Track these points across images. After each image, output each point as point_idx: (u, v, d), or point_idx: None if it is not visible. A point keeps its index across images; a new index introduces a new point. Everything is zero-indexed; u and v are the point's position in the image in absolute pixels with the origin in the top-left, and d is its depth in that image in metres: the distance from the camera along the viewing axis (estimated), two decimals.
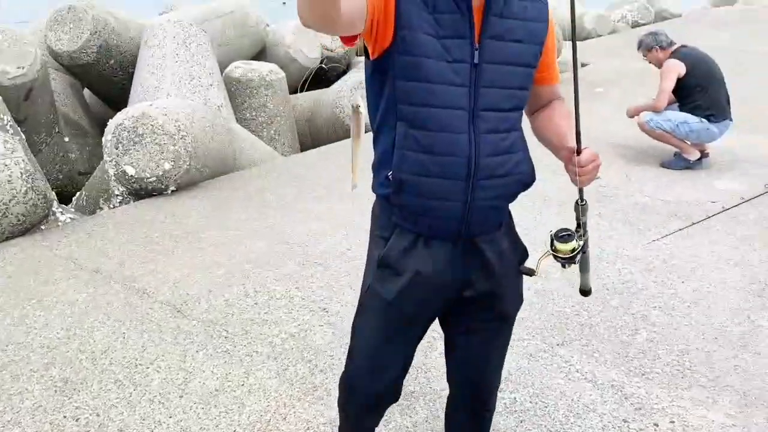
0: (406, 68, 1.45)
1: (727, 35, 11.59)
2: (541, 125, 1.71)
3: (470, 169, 1.52)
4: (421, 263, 1.59)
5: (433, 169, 1.51)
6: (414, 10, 1.44)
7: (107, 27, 5.73)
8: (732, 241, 3.85)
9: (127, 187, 4.51)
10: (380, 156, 1.60)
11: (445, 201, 1.54)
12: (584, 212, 1.63)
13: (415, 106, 1.48)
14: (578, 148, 1.55)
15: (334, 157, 5.30)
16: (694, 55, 4.95)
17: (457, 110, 1.49)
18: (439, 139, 1.50)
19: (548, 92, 1.71)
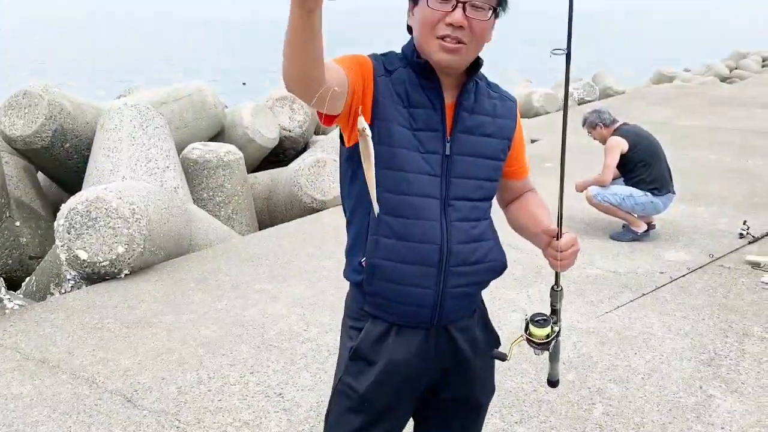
0: (382, 157, 1.50)
1: (668, 110, 12.21)
2: (516, 215, 1.78)
3: (442, 256, 1.56)
4: (394, 352, 1.60)
5: (407, 255, 1.55)
6: (390, 104, 1.52)
7: (63, 111, 5.75)
8: (682, 311, 3.96)
9: (79, 272, 4.42)
10: (353, 241, 1.63)
11: (418, 288, 1.57)
12: (560, 298, 1.66)
13: (390, 193, 1.53)
14: (559, 233, 1.60)
15: (292, 235, 5.32)
16: (635, 132, 5.20)
17: (430, 198, 1.55)
18: (413, 226, 1.54)
19: (519, 186, 1.80)
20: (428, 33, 1.50)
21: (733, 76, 23.01)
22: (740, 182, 6.98)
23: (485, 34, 1.52)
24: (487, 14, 1.49)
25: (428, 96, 1.55)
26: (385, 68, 1.55)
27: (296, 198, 6.28)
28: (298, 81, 1.32)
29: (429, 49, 1.51)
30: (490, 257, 1.65)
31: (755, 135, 9.78)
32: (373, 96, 1.51)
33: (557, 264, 1.60)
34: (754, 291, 4.24)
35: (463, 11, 1.46)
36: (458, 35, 1.47)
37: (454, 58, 1.50)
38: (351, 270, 1.64)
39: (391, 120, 1.51)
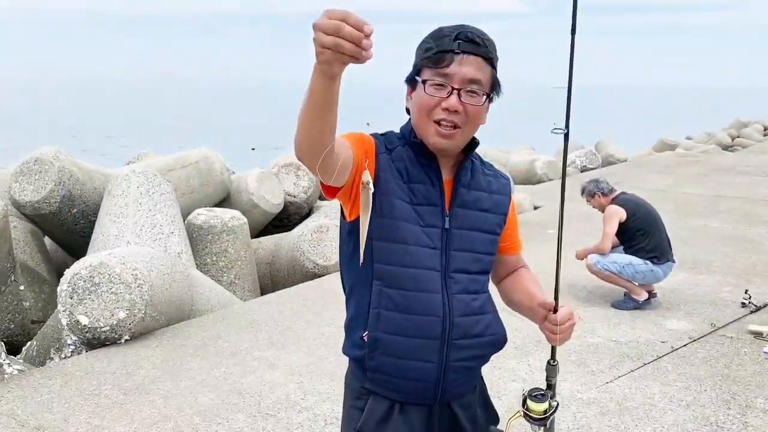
0: (384, 230, 1.56)
1: (670, 179, 12.33)
2: (510, 290, 1.82)
3: (445, 328, 1.59)
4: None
5: (409, 328, 1.57)
6: (391, 179, 1.58)
7: (72, 177, 5.89)
8: (683, 381, 3.91)
9: (79, 337, 4.43)
10: (353, 316, 1.65)
11: (420, 361, 1.58)
12: (555, 373, 1.68)
13: (392, 266, 1.57)
14: (556, 306, 1.63)
15: (293, 300, 5.33)
16: (633, 201, 5.26)
17: (431, 271, 1.59)
18: (415, 299, 1.57)
19: (513, 261, 1.85)
20: (425, 117, 1.57)
21: (735, 145, 23.28)
22: (742, 251, 6.99)
23: (479, 118, 1.60)
24: (481, 99, 1.57)
25: (427, 173, 1.62)
26: (385, 146, 1.63)
27: (298, 263, 6.32)
28: (310, 148, 1.36)
29: (426, 132, 1.59)
30: (491, 330, 1.68)
31: (757, 203, 9.84)
32: (375, 172, 1.57)
33: (554, 338, 1.62)
34: (757, 361, 4.20)
35: (458, 97, 1.54)
36: (454, 119, 1.55)
37: (449, 142, 1.58)
38: (351, 345, 1.65)
39: (393, 194, 1.58)
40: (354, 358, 1.66)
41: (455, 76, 1.53)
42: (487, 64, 1.57)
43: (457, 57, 1.53)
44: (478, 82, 1.55)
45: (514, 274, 1.84)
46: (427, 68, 1.56)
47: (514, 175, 11.20)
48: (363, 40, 1.16)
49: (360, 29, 1.15)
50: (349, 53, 1.16)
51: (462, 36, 1.54)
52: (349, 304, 1.68)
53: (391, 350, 1.58)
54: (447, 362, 1.60)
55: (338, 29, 1.14)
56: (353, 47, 1.15)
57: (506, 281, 1.84)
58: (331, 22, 1.15)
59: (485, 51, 1.56)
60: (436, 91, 1.55)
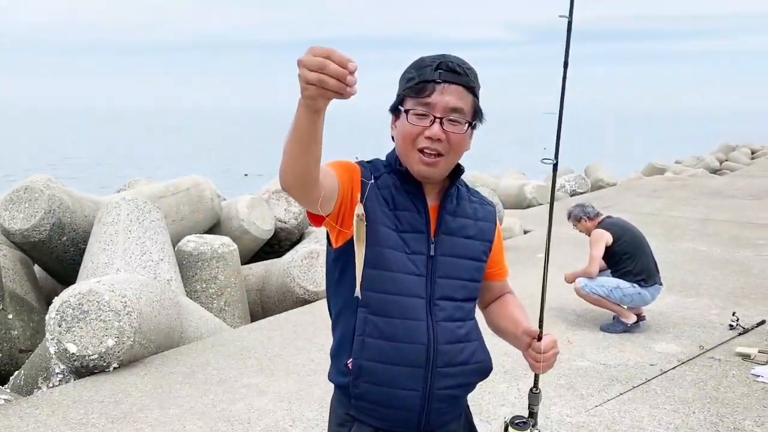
0: (369, 257, 1.56)
1: (659, 202, 12.43)
2: (496, 316, 1.83)
3: (429, 356, 1.59)
4: None
5: (394, 356, 1.58)
6: (376, 206, 1.59)
7: (62, 206, 5.89)
8: (672, 404, 3.92)
9: (68, 365, 4.41)
10: (338, 342, 1.66)
11: (405, 389, 1.59)
12: (538, 401, 1.69)
13: (377, 293, 1.58)
14: (540, 334, 1.65)
15: (282, 327, 5.32)
16: (619, 224, 5.32)
17: (416, 298, 1.60)
18: (400, 326, 1.58)
19: (499, 287, 1.86)
20: (409, 145, 1.60)
21: (723, 168, 23.52)
22: (730, 273, 7.04)
23: (462, 145, 1.63)
24: (463, 127, 1.60)
25: (412, 200, 1.64)
26: (371, 174, 1.64)
27: (289, 289, 6.32)
28: (296, 180, 1.38)
29: (410, 160, 1.62)
30: (476, 358, 1.68)
31: (745, 226, 9.93)
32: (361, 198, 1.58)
33: (538, 366, 1.64)
34: (745, 383, 4.21)
35: (441, 125, 1.57)
36: (437, 147, 1.58)
37: (433, 170, 1.60)
38: (336, 372, 1.66)
39: (378, 222, 1.59)
40: (339, 385, 1.66)
41: (437, 105, 1.57)
42: (468, 93, 1.60)
43: (438, 86, 1.56)
44: (460, 110, 1.58)
45: (500, 300, 1.85)
46: (410, 98, 1.59)
47: (504, 200, 11.27)
48: (347, 77, 1.18)
49: (344, 66, 1.18)
50: (333, 89, 1.19)
51: (443, 66, 1.58)
52: (335, 331, 1.69)
53: (376, 378, 1.59)
54: (431, 390, 1.61)
55: (322, 66, 1.17)
56: (337, 83, 1.18)
57: (492, 307, 1.86)
58: (316, 58, 1.17)
59: (466, 80, 1.60)
60: (418, 120, 1.58)
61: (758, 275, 6.96)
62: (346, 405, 1.65)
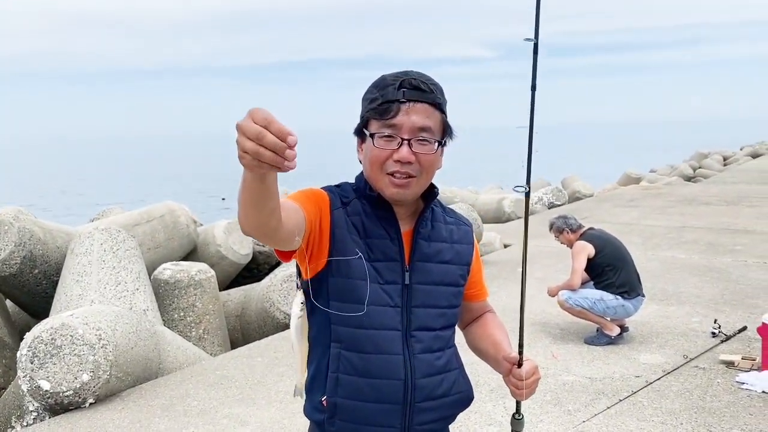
0: (341, 290, 1.50)
1: (635, 212, 12.53)
2: (476, 337, 1.77)
3: (407, 392, 1.52)
4: None
5: (369, 393, 1.51)
6: (346, 235, 1.52)
7: (33, 238, 5.76)
8: (659, 416, 3.89)
9: (41, 403, 4.26)
10: (312, 377, 1.58)
11: (382, 427, 1.52)
12: (521, 427, 1.64)
13: (349, 327, 1.51)
14: (520, 360, 1.59)
15: (263, 353, 5.22)
16: (601, 236, 5.31)
17: (391, 331, 1.53)
18: (374, 362, 1.51)
19: (479, 307, 1.80)
20: (378, 170, 1.53)
21: (696, 176, 23.86)
22: (710, 280, 7.07)
23: (434, 165, 1.56)
24: (433, 147, 1.52)
25: (384, 226, 1.56)
26: (341, 200, 1.57)
27: (268, 314, 6.22)
28: (255, 231, 1.31)
29: (380, 184, 1.54)
30: (457, 389, 1.62)
31: (721, 233, 10.02)
32: (330, 230, 1.52)
33: (519, 393, 1.58)
34: (730, 391, 4.20)
35: (410, 147, 1.50)
36: (407, 170, 1.51)
37: (405, 192, 1.53)
38: (311, 408, 1.59)
39: (349, 252, 1.52)
40: (314, 421, 1.60)
41: (403, 126, 1.49)
42: (435, 110, 1.53)
43: (403, 106, 1.49)
44: (428, 129, 1.51)
45: (480, 321, 1.79)
46: (374, 120, 1.52)
47: (483, 214, 11.27)
48: (285, 150, 1.08)
49: (283, 139, 1.07)
50: (269, 162, 1.08)
51: (406, 84, 1.50)
52: (309, 365, 1.61)
53: (351, 416, 1.52)
54: (410, 426, 1.54)
55: (260, 137, 1.06)
56: (274, 157, 1.07)
57: (472, 328, 1.80)
58: (254, 127, 1.07)
59: (432, 97, 1.52)
60: (386, 144, 1.51)
61: (737, 281, 7.00)
62: None
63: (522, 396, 1.57)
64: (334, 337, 1.53)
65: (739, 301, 6.23)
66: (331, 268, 1.51)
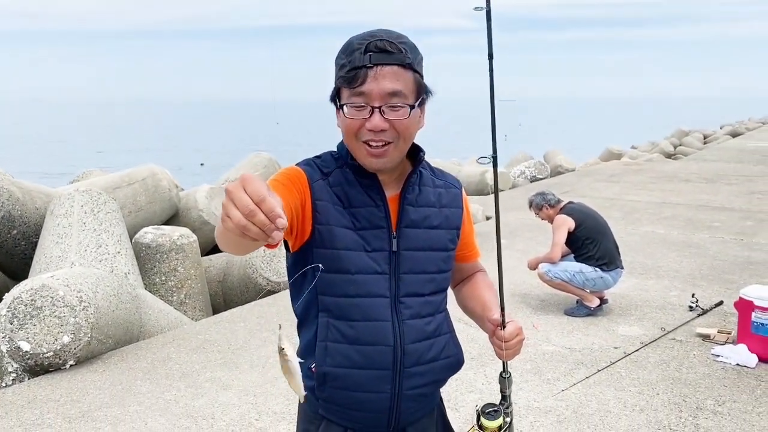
0: (326, 260, 1.47)
1: (617, 187, 12.63)
2: (465, 296, 1.77)
3: (396, 358, 1.52)
4: None
5: (358, 360, 1.51)
6: (330, 206, 1.49)
7: (11, 198, 5.66)
8: (637, 386, 3.97)
9: (21, 364, 4.23)
10: (304, 347, 1.58)
11: (372, 392, 1.52)
12: (509, 385, 1.64)
13: (336, 297, 1.50)
14: (503, 323, 1.59)
15: (246, 319, 5.22)
16: (580, 210, 5.35)
17: (378, 298, 1.51)
18: (363, 329, 1.50)
19: (469, 267, 1.79)
20: (353, 139, 1.48)
21: (677, 153, 24.08)
22: (688, 255, 7.18)
23: (411, 129, 1.50)
24: (407, 112, 1.46)
25: (368, 193, 1.53)
26: (321, 171, 1.53)
27: (251, 280, 6.21)
28: (235, 253, 1.32)
29: (357, 153, 1.50)
30: (446, 353, 1.61)
31: (700, 209, 10.15)
32: (312, 203, 1.49)
33: (502, 354, 1.58)
34: (706, 363, 4.29)
35: (381, 114, 1.44)
36: (382, 137, 1.45)
37: (381, 160, 1.48)
38: (303, 375, 1.59)
39: (333, 223, 1.49)
40: (306, 387, 1.60)
41: (372, 93, 1.42)
42: (406, 71, 1.45)
43: (371, 72, 1.42)
44: (399, 93, 1.44)
45: (470, 280, 1.79)
46: (344, 88, 1.46)
47: (467, 187, 11.30)
48: (273, 232, 1.05)
49: (273, 220, 1.04)
50: (254, 237, 1.05)
51: (372, 47, 1.43)
52: (300, 334, 1.61)
53: (341, 383, 1.52)
54: (400, 391, 1.54)
55: (251, 214, 1.02)
56: (260, 233, 1.04)
57: (461, 287, 1.80)
58: (246, 202, 1.02)
59: (400, 58, 1.44)
60: (357, 113, 1.44)
61: (715, 257, 7.11)
62: (314, 404, 1.58)
63: (506, 357, 1.58)
64: (321, 307, 1.52)
65: (717, 276, 6.34)
66: (315, 239, 1.49)
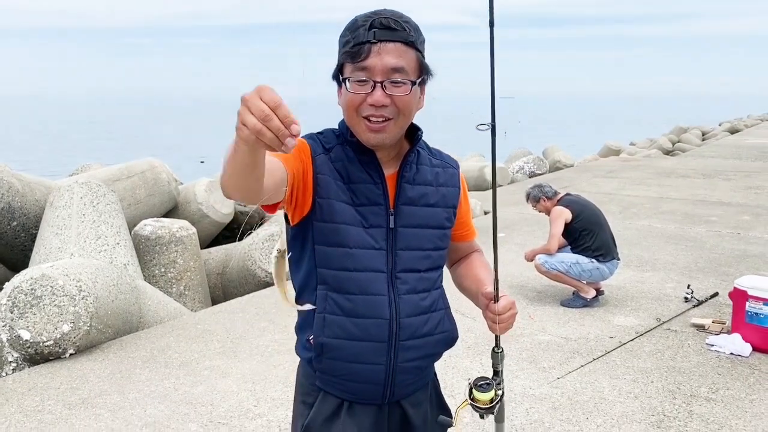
0: (325, 234, 1.51)
1: (615, 182, 12.66)
2: (461, 275, 1.80)
3: (392, 331, 1.56)
4: (347, 431, 1.58)
5: (355, 332, 1.54)
6: (330, 180, 1.53)
7: (11, 190, 5.69)
8: (631, 374, 4.01)
9: (21, 353, 4.27)
10: (302, 318, 1.62)
11: (368, 364, 1.56)
12: (501, 360, 1.67)
13: (334, 270, 1.53)
14: (496, 296, 1.60)
15: (244, 309, 5.26)
16: (577, 201, 5.38)
17: (376, 273, 1.55)
18: (360, 302, 1.54)
19: (466, 247, 1.82)
20: (353, 114, 1.51)
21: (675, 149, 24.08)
22: (684, 249, 7.22)
23: (411, 105, 1.53)
24: (408, 88, 1.49)
25: (367, 171, 1.56)
26: (323, 146, 1.56)
27: (250, 272, 6.24)
28: (238, 195, 1.31)
29: (357, 129, 1.53)
30: (441, 328, 1.65)
31: (697, 204, 10.19)
32: (313, 176, 1.52)
33: (495, 327, 1.61)
34: (700, 353, 4.33)
35: (383, 89, 1.47)
36: (383, 113, 1.49)
37: (382, 136, 1.52)
38: (301, 347, 1.64)
39: (333, 197, 1.53)
40: (304, 359, 1.64)
41: (375, 68, 1.46)
42: (409, 48, 1.49)
43: (374, 47, 1.46)
44: (401, 69, 1.48)
45: (467, 260, 1.82)
46: (348, 63, 1.49)
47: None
48: (287, 138, 1.09)
49: (287, 126, 1.08)
50: (268, 143, 1.08)
51: (377, 24, 1.46)
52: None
53: (338, 354, 1.56)
54: (396, 363, 1.58)
55: (266, 118, 1.07)
56: (274, 139, 1.08)
57: (458, 266, 1.83)
58: (261, 107, 1.07)
59: (404, 35, 1.48)
60: (359, 87, 1.48)
61: (711, 250, 7.15)
62: (311, 376, 1.62)
63: (497, 330, 1.61)
64: (320, 280, 1.55)
65: (712, 268, 6.38)
66: (315, 212, 1.52)
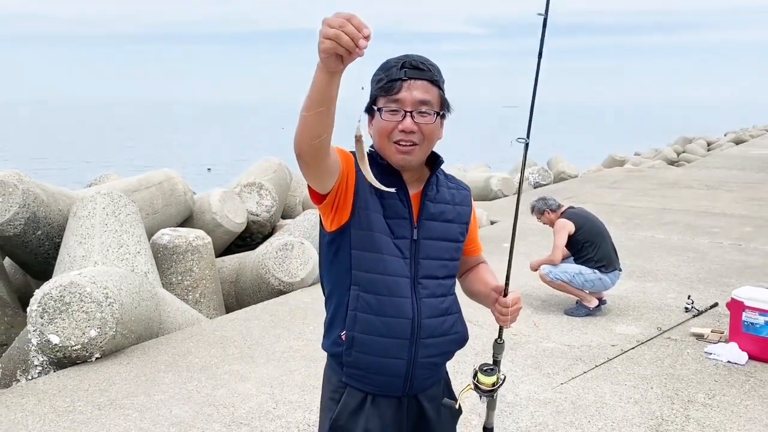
0: (362, 240, 1.77)
1: (618, 193, 12.84)
2: (471, 281, 2.04)
3: (414, 329, 1.79)
4: (370, 422, 1.81)
5: (382, 329, 1.78)
6: (367, 193, 1.79)
7: (37, 200, 5.92)
8: (632, 381, 4.19)
9: (50, 357, 4.48)
10: (332, 316, 1.85)
11: (392, 359, 1.79)
12: (501, 351, 1.89)
13: (368, 273, 1.78)
14: (506, 290, 1.85)
15: (259, 317, 5.46)
16: (580, 214, 5.59)
17: (401, 278, 1.80)
18: (387, 303, 1.78)
19: (474, 260, 2.08)
20: (385, 139, 1.80)
21: (680, 160, 24.25)
22: (686, 260, 7.39)
23: (434, 134, 1.83)
24: (433, 118, 1.80)
25: (395, 190, 1.80)
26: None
27: (264, 281, 6.44)
28: (309, 146, 1.56)
29: (387, 152, 1.81)
30: (455, 329, 1.90)
31: (700, 215, 10.36)
32: (355, 185, 1.78)
33: (504, 319, 1.84)
34: (699, 361, 4.51)
35: (412, 118, 1.77)
36: (411, 138, 1.78)
37: (409, 158, 1.80)
38: (330, 342, 1.86)
39: (370, 208, 1.79)
40: (332, 354, 1.86)
41: (406, 100, 1.75)
42: (433, 86, 1.79)
43: (405, 83, 1.75)
44: (428, 102, 1.77)
45: (475, 269, 2.07)
46: (381, 97, 1.78)
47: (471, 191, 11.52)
48: (360, 40, 1.37)
49: (360, 30, 1.37)
50: (345, 45, 1.37)
51: (407, 64, 1.76)
52: (328, 305, 1.88)
53: (366, 348, 1.79)
54: (416, 359, 1.81)
55: (342, 25, 1.36)
56: (349, 41, 1.36)
57: (467, 276, 2.08)
58: (338, 18, 1.37)
59: (430, 75, 1.78)
60: (392, 116, 1.77)
61: (712, 261, 7.33)
62: (338, 372, 1.84)
63: (506, 322, 1.84)
64: (354, 281, 1.79)
65: (713, 279, 6.55)
66: (354, 220, 1.77)
